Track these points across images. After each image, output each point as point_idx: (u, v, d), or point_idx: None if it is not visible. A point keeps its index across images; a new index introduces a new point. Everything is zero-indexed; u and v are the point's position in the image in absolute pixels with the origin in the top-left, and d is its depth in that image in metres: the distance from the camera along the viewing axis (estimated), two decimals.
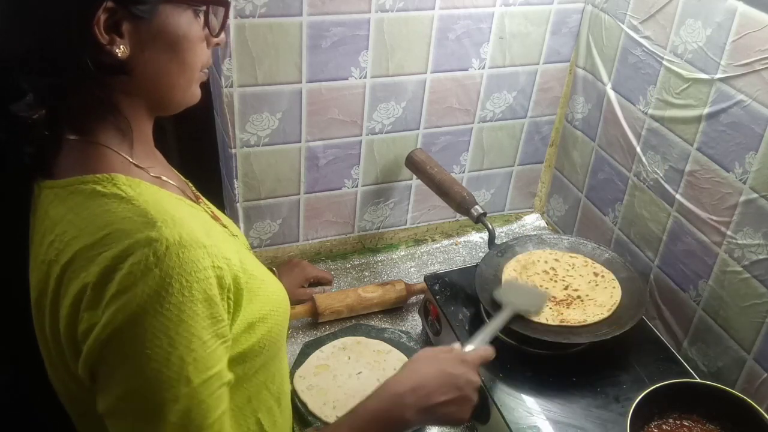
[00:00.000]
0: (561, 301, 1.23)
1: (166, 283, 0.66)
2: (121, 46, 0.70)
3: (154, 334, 0.66)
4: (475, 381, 0.97)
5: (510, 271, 1.28)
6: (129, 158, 0.76)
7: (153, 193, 0.74)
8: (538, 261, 1.32)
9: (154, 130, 0.84)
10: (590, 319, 1.18)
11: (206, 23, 0.78)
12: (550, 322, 1.18)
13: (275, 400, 0.90)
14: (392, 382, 0.94)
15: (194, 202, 0.88)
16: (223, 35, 0.81)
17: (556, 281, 1.27)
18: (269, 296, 0.83)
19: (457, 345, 1.03)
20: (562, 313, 1.20)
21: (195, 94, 0.82)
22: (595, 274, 1.28)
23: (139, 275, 0.66)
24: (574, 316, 1.19)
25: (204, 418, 0.69)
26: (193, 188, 0.95)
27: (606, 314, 1.19)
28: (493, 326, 1.09)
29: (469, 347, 1.03)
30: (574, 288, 1.26)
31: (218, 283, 0.71)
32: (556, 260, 1.32)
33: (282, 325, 0.87)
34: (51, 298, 0.71)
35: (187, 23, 0.75)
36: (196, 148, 1.48)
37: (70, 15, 0.68)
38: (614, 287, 1.25)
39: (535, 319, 1.18)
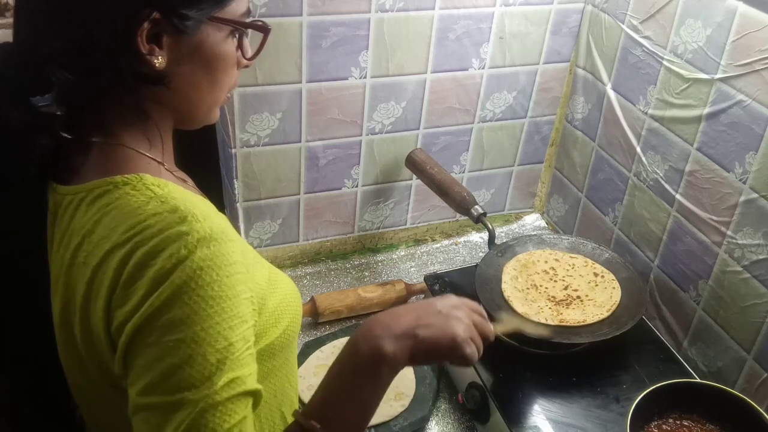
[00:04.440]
0: (561, 301, 1.23)
1: (197, 275, 0.65)
2: (159, 58, 0.71)
3: (176, 326, 0.65)
4: (455, 304, 0.83)
5: (510, 270, 1.28)
6: (157, 160, 0.77)
7: (181, 191, 0.73)
8: (538, 261, 1.32)
9: None
10: (589, 320, 1.18)
11: (240, 45, 0.78)
12: (549, 322, 1.18)
13: (294, 393, 0.91)
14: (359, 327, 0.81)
15: None
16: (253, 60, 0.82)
17: (555, 281, 1.27)
18: (285, 288, 0.84)
19: None
20: (561, 313, 1.20)
21: (216, 115, 0.83)
22: (595, 275, 1.28)
23: (169, 268, 0.65)
24: (574, 316, 1.19)
25: (220, 429, 0.65)
26: None
27: (605, 314, 1.19)
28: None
29: None
30: (573, 288, 1.26)
31: (243, 265, 0.70)
32: (556, 260, 1.32)
33: (298, 316, 0.87)
34: (81, 303, 0.70)
35: (225, 43, 0.76)
36: (196, 148, 1.47)
37: (116, 20, 0.68)
38: (614, 288, 1.25)
39: (535, 318, 1.18)
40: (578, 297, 1.24)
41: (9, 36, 0.75)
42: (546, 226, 1.74)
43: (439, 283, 1.34)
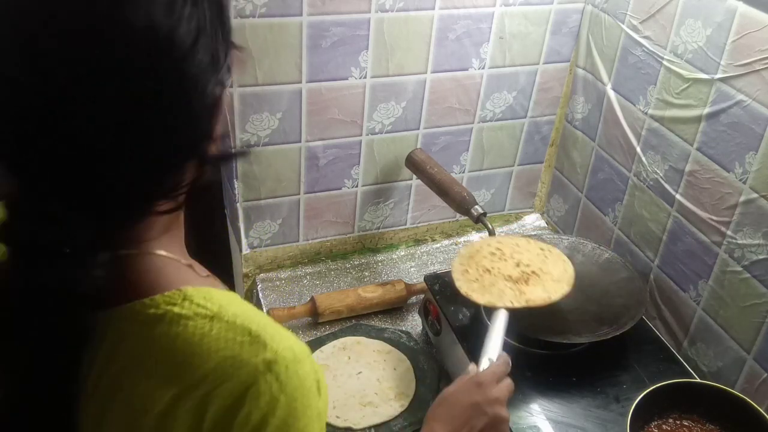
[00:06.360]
0: (518, 279, 1.18)
1: (292, 408, 0.59)
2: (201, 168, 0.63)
3: None
4: (496, 397, 0.95)
5: (457, 267, 1.21)
6: (181, 260, 0.67)
7: (229, 299, 0.64)
8: (481, 248, 1.25)
9: None
10: (554, 296, 1.14)
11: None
12: (516, 305, 1.12)
13: None
14: None
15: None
16: None
17: (505, 260, 1.22)
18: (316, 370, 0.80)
19: (471, 367, 1.00)
20: (524, 293, 1.15)
21: None
22: (541, 249, 1.25)
23: (266, 409, 0.58)
24: (538, 294, 1.14)
25: None
26: None
27: (567, 289, 1.15)
28: (495, 334, 1.05)
29: (482, 365, 1.00)
30: (525, 263, 1.21)
31: (317, 388, 0.63)
32: (499, 242, 1.27)
33: (326, 404, 0.84)
34: None
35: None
36: None
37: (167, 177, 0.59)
38: (564, 260, 1.22)
39: (500, 304, 1.12)
40: (533, 272, 1.19)
41: None
42: (546, 226, 1.74)
43: (439, 283, 1.34)
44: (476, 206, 1.36)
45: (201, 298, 0.61)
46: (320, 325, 1.41)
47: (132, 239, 0.63)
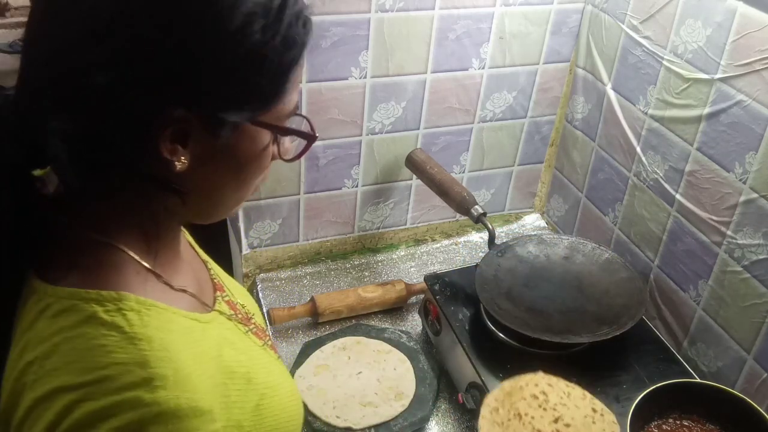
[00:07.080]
0: None
1: None
2: (182, 158, 0.59)
3: None
4: None
5: (491, 402, 1.07)
6: (148, 265, 0.65)
7: (163, 325, 0.61)
8: (527, 386, 1.10)
9: None
10: None
11: (279, 146, 0.67)
12: None
13: None
14: None
15: (210, 307, 0.75)
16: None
17: (545, 409, 1.06)
18: (283, 407, 0.74)
19: None
20: None
21: (236, 212, 0.72)
22: (594, 410, 1.08)
23: None
24: None
25: None
26: (212, 270, 0.84)
27: None
28: None
29: None
30: (565, 422, 1.04)
31: None
32: (549, 385, 1.11)
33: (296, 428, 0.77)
34: (17, 424, 0.58)
35: (261, 143, 0.65)
36: None
37: (136, 117, 0.57)
38: (613, 430, 1.04)
39: None
40: None
41: (9, 36, 0.69)
42: (546, 226, 1.74)
43: (439, 283, 1.34)
44: (476, 206, 1.36)
45: (134, 311, 0.59)
46: (320, 325, 1.41)
47: (93, 222, 0.63)
